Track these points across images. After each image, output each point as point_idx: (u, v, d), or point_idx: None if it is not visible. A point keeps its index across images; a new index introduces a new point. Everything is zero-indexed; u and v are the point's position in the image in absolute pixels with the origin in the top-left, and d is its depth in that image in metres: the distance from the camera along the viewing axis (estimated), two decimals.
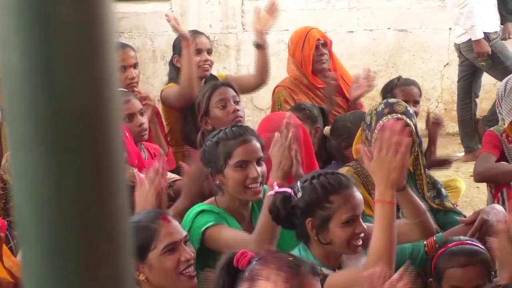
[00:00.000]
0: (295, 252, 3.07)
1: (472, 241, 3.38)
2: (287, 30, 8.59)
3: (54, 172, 0.95)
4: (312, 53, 5.45)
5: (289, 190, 3.16)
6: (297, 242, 3.21)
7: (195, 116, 4.96)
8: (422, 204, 3.35)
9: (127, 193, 0.99)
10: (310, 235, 3.12)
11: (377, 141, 3.01)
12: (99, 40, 0.94)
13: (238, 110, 4.56)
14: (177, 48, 5.36)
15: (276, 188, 3.19)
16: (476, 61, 7.29)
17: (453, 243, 3.30)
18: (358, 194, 3.16)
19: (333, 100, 5.36)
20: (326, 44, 5.54)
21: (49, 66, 0.93)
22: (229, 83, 4.77)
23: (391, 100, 3.95)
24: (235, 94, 4.64)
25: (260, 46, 5.33)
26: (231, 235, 3.37)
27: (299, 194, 3.13)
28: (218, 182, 3.55)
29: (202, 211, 3.49)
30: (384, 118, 3.77)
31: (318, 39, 5.50)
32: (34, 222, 0.97)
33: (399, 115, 3.77)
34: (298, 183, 3.17)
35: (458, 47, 7.39)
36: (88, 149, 0.96)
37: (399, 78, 5.40)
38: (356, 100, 5.32)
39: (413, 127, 3.77)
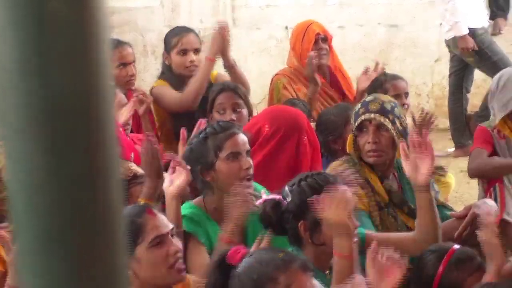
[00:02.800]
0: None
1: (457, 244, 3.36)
2: (278, 25, 8.61)
3: (47, 163, 0.96)
4: (311, 47, 5.42)
5: (277, 196, 3.15)
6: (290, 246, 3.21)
7: (189, 114, 4.96)
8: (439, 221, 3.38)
9: (121, 184, 1.00)
10: (303, 238, 3.11)
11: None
12: (91, 34, 0.95)
13: (233, 120, 4.54)
14: (166, 45, 5.34)
15: (264, 196, 3.18)
16: (464, 57, 7.29)
17: (450, 252, 3.21)
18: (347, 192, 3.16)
19: (317, 79, 5.26)
20: (326, 38, 5.51)
21: (42, 59, 0.94)
22: (236, 87, 4.71)
23: (368, 98, 3.94)
24: (237, 101, 4.62)
25: (229, 67, 5.22)
26: (196, 259, 3.36)
27: (289, 199, 3.12)
28: (208, 179, 3.55)
29: (183, 216, 3.48)
30: (358, 119, 3.80)
31: (318, 34, 5.46)
32: (28, 212, 0.98)
33: (371, 115, 3.78)
34: (286, 188, 3.16)
35: (447, 43, 7.40)
36: (81, 140, 0.97)
37: (385, 74, 5.39)
38: (363, 92, 5.25)
39: (389, 123, 3.78)
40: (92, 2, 0.94)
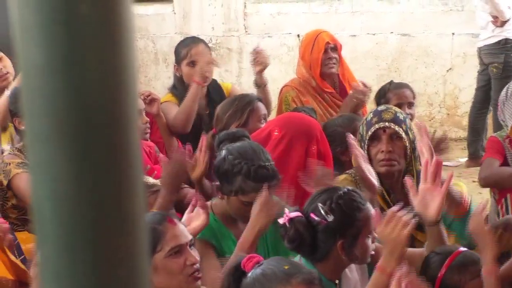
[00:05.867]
0: (295, 259, 3.02)
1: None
2: (290, 33, 8.62)
3: (72, 168, 0.96)
4: (321, 56, 5.41)
5: (299, 213, 3.07)
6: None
7: (195, 125, 4.97)
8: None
9: (144, 190, 1.00)
10: (334, 255, 3.04)
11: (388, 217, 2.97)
12: (118, 38, 0.95)
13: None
14: (176, 56, 5.35)
15: (289, 214, 3.07)
16: (490, 65, 7.23)
17: (454, 255, 3.19)
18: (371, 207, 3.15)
19: (351, 110, 5.19)
20: (336, 48, 5.50)
21: (69, 62, 0.93)
22: (261, 99, 4.79)
23: (380, 107, 3.93)
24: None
25: (260, 86, 5.29)
26: (206, 264, 3.29)
27: (330, 218, 3.04)
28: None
29: None
30: (372, 128, 3.77)
31: (328, 43, 5.45)
32: (52, 218, 0.97)
33: (386, 124, 3.76)
34: (320, 206, 3.05)
35: (479, 52, 7.34)
36: (106, 145, 0.96)
37: (390, 82, 5.37)
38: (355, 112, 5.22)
39: (403, 133, 3.76)
40: (120, 5, 0.94)
